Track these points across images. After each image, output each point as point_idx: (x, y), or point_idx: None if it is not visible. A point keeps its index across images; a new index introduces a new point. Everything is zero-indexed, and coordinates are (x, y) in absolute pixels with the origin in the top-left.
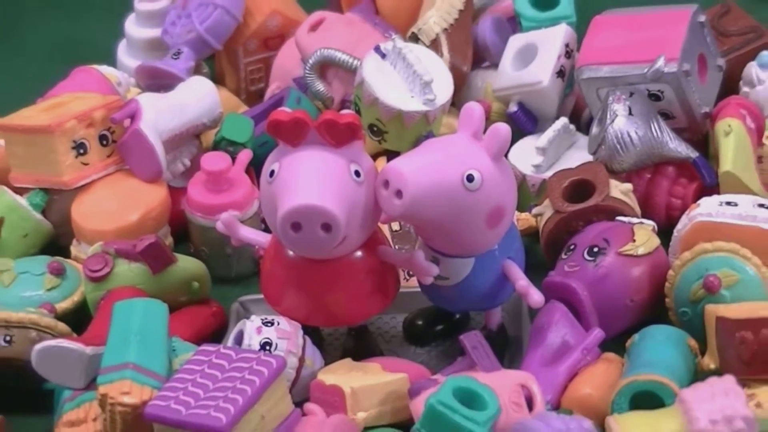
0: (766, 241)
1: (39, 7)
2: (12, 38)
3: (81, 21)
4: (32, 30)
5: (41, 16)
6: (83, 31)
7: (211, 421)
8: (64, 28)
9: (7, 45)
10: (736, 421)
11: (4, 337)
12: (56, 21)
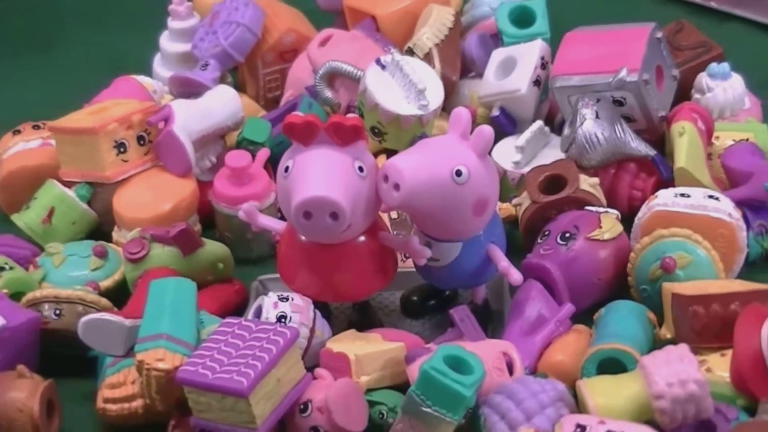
0: (715, 228)
1: (86, 25)
2: (62, 52)
3: (122, 37)
4: (80, 45)
5: (88, 33)
6: (124, 46)
7: (234, 384)
8: (107, 43)
9: (58, 58)
10: (689, 384)
11: (54, 311)
12: (101, 37)
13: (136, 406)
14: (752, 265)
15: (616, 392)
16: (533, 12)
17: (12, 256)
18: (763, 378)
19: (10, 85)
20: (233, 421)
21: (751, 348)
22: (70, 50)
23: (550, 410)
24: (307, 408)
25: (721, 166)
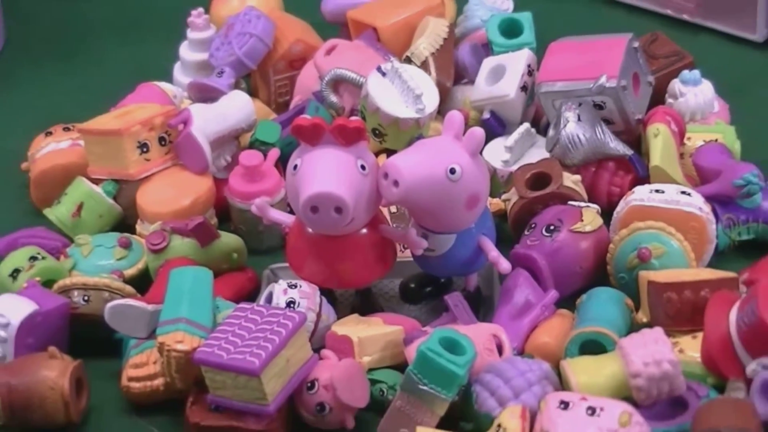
0: (687, 221)
1: (113, 37)
2: (91, 60)
3: (145, 47)
4: (107, 54)
5: (115, 44)
6: (146, 55)
7: (247, 364)
8: (131, 53)
9: (87, 66)
10: (663, 363)
11: (82, 297)
12: (126, 47)
13: (158, 384)
14: (721, 255)
15: (597, 371)
16: (521, 24)
17: (44, 246)
18: (731, 359)
19: (43, 91)
20: (246, 397)
21: (720, 331)
22: (98, 59)
23: (536, 388)
24: (314, 386)
25: (693, 164)
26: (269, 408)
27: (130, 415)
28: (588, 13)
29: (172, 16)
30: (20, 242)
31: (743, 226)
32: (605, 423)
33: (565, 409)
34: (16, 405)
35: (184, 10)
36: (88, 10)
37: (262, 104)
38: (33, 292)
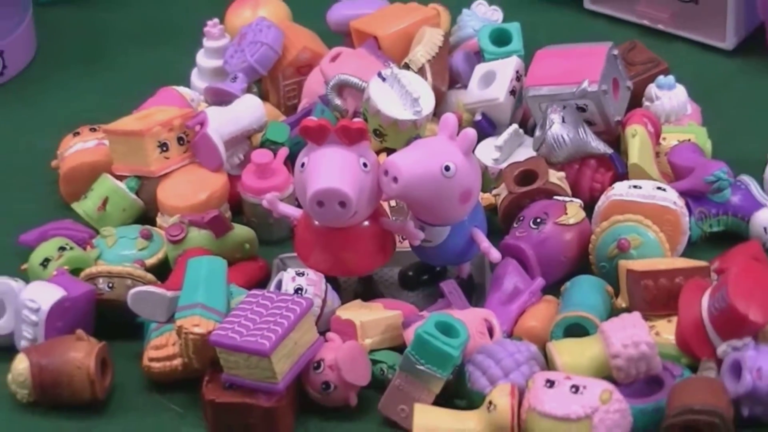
0: (662, 214)
1: (136, 45)
2: (116, 66)
3: (165, 54)
4: (131, 61)
5: (137, 51)
6: (166, 62)
7: (258, 345)
8: (153, 60)
9: (112, 72)
10: (641, 345)
11: (107, 284)
12: (148, 54)
13: (176, 364)
14: (694, 246)
15: (580, 353)
16: (510, 33)
17: (72, 238)
18: (703, 341)
19: (72, 94)
20: (258, 377)
21: (693, 315)
22: (121, 66)
23: (524, 367)
24: (320, 366)
25: (668, 162)
26: (279, 386)
27: (151, 392)
28: (571, 23)
29: (190, 26)
30: (50, 234)
31: (714, 218)
32: (587, 400)
33: (551, 387)
34: (47, 383)
35: (201, 20)
36: (113, 20)
37: (272, 107)
38: (62, 279)
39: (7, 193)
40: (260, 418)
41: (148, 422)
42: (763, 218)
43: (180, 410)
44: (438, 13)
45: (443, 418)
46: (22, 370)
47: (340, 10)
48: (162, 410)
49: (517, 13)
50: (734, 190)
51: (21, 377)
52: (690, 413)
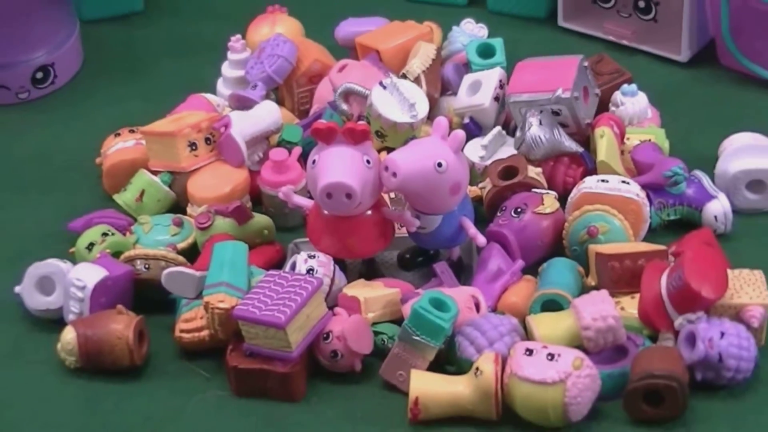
0: (627, 204)
1: (169, 57)
2: (152, 76)
3: (194, 65)
4: (165, 71)
5: (170, 62)
6: (195, 72)
7: (275, 319)
8: (184, 70)
9: (149, 80)
10: (608, 318)
11: (144, 266)
12: (179, 65)
13: (204, 335)
14: (653, 232)
15: (555, 325)
16: (494, 47)
17: (113, 225)
18: (662, 315)
19: (113, 101)
20: (275, 346)
21: (653, 292)
22: (157, 75)
23: (506, 338)
24: (328, 336)
25: (631, 159)
26: (293, 354)
27: (182, 360)
28: (547, 39)
29: (216, 41)
30: (94, 221)
31: (671, 208)
32: (562, 366)
33: (530, 355)
34: (91, 351)
35: (225, 36)
36: (149, 36)
37: (288, 111)
38: (104, 261)
39: (57, 187)
40: (277, 382)
41: (179, 386)
42: (714, 208)
43: (207, 375)
44: (431, 30)
45: (436, 382)
46: (70, 339)
47: (347, 28)
48: (191, 375)
49: (500, 29)
50: (689, 184)
51: (69, 346)
52: (651, 378)
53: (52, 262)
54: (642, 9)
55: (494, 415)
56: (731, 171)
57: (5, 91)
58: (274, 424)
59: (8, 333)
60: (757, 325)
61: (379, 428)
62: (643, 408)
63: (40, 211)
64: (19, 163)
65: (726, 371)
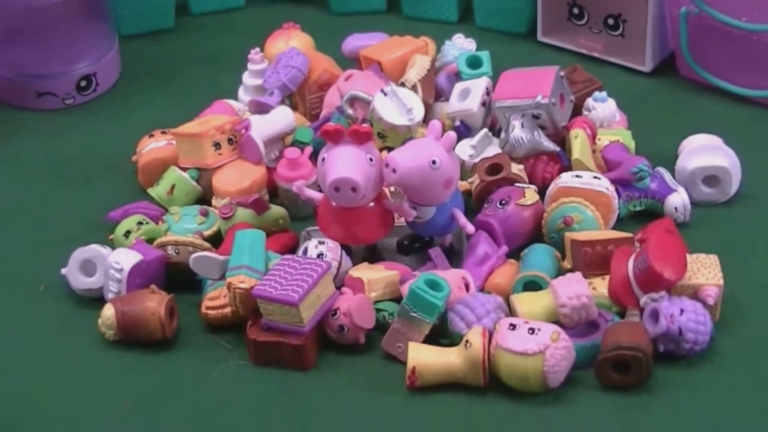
0: (598, 197)
1: (197, 67)
2: (181, 84)
3: (219, 75)
4: (193, 79)
5: (198, 72)
6: (220, 81)
7: (289, 298)
8: (209, 78)
9: (178, 87)
10: (582, 297)
11: (174, 251)
12: (206, 74)
13: (226, 312)
14: (621, 221)
15: (535, 303)
16: (481, 59)
17: (147, 215)
18: (629, 294)
19: (147, 106)
20: (289, 321)
21: (621, 274)
22: (185, 83)
23: (492, 314)
24: (336, 313)
25: (602, 157)
26: (305, 329)
27: (207, 333)
28: (528, 52)
29: (237, 53)
30: (131, 212)
31: (637, 200)
32: (541, 339)
33: (513, 329)
34: (128, 326)
35: (246, 49)
36: (179, 49)
37: (300, 115)
38: (139, 246)
39: (98, 181)
40: (291, 353)
41: (205, 356)
42: (674, 200)
43: (229, 347)
44: (426, 44)
45: (431, 353)
46: (109, 315)
47: (352, 42)
48: (216, 347)
49: (486, 43)
50: (652, 179)
51: (108, 321)
52: (619, 349)
53: (94, 248)
54: (611, 26)
55: (482, 382)
56: (689, 168)
57: (53, 97)
58: (288, 390)
59: (56, 310)
60: (713, 303)
61: (380, 394)
62: (613, 376)
63: (83, 202)
64: (65, 161)
65: (685, 343)
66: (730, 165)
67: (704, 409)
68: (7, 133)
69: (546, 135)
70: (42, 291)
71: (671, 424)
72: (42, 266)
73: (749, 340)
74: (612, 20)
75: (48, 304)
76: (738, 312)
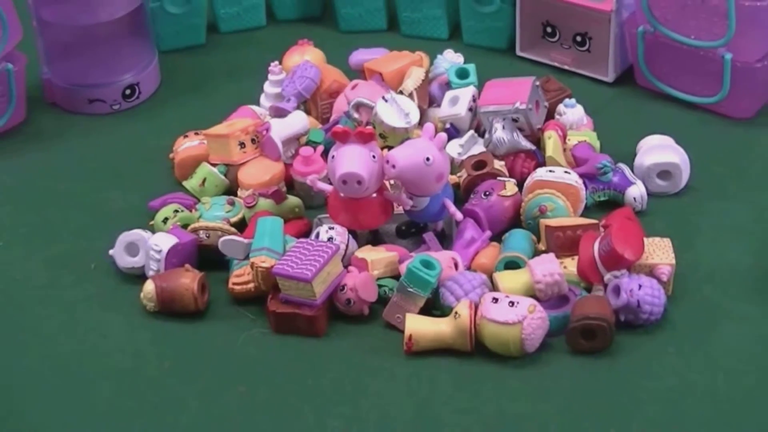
0: (568, 189)
1: (226, 78)
2: (211, 92)
3: (244, 84)
4: (221, 88)
5: (226, 82)
6: (244, 89)
7: (304, 275)
8: (235, 87)
9: (209, 95)
10: (554, 275)
11: (205, 235)
12: (232, 84)
13: (250, 287)
14: (588, 210)
15: (514, 280)
16: (468, 71)
17: (182, 204)
18: (595, 272)
19: (183, 110)
20: (303, 295)
21: (588, 255)
22: (215, 91)
23: (478, 290)
24: (344, 288)
25: (571, 155)
26: (317, 302)
27: (234, 306)
28: (508, 65)
29: (259, 66)
30: (168, 201)
31: (601, 192)
32: (520, 311)
33: (495, 303)
34: (165, 299)
35: (267, 62)
36: (211, 62)
37: (313, 119)
38: (175, 231)
39: (140, 175)
40: (305, 322)
41: (231, 325)
42: (633, 192)
43: (252, 317)
44: (421, 58)
45: (425, 323)
46: (150, 290)
47: (357, 56)
48: (241, 317)
49: (473, 57)
50: (614, 173)
51: (149, 295)
52: (586, 319)
53: (137, 232)
54: (579, 42)
55: (469, 347)
56: (645, 164)
57: (102, 103)
58: (302, 354)
59: (105, 284)
60: (666, 280)
61: (381, 357)
62: (581, 342)
63: (127, 193)
64: (112, 158)
65: (642, 314)
66: (680, 161)
67: (658, 368)
68: (63, 134)
69: (524, 136)
70: (93, 269)
71: (630, 383)
72: (93, 247)
73: (696, 310)
74: (580, 38)
75: (98, 280)
76: (687, 287)
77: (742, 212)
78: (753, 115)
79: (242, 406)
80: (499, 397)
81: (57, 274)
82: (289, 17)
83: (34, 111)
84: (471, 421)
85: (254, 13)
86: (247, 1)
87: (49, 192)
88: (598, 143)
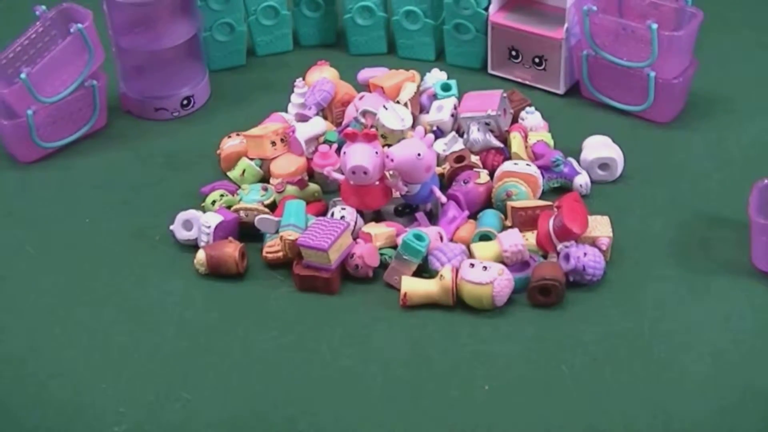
0: (529, 178)
1: (261, 91)
2: (249, 103)
3: (275, 96)
4: (257, 99)
5: (261, 94)
6: (275, 100)
7: (322, 245)
8: (268, 98)
9: (247, 105)
10: (518, 245)
11: (245, 214)
12: (265, 96)
13: (280, 255)
14: (545, 194)
15: (487, 249)
16: (451, 85)
17: (227, 190)
18: (549, 243)
19: (227, 117)
20: (322, 262)
21: (545, 230)
22: (253, 102)
23: (459, 257)
24: (353, 256)
25: (531, 151)
26: (332, 267)
27: (267, 270)
28: (481, 80)
29: (287, 81)
30: (216, 187)
31: (555, 180)
32: (491, 274)
33: (472, 267)
34: (213, 265)
35: (293, 79)
36: (249, 79)
37: (329, 123)
38: (222, 211)
39: (194, 167)
40: (322, 283)
41: (265, 285)
42: (580, 180)
43: (282, 278)
44: (414, 75)
45: (417, 284)
46: (202, 257)
47: (364, 73)
48: (272, 278)
49: (454, 74)
50: (565, 165)
51: (201, 261)
52: (543, 280)
53: (192, 211)
54: (537, 63)
55: (451, 303)
56: (589, 158)
57: (165, 111)
58: (321, 306)
59: (167, 253)
60: (605, 249)
61: (383, 310)
62: (539, 298)
63: (184, 181)
64: (173, 154)
65: (587, 276)
66: (616, 156)
67: (599, 317)
68: (134, 136)
69: (494, 136)
70: (157, 240)
71: (577, 329)
72: (157, 224)
73: (628, 273)
74: (537, 59)
75: (161, 249)
76: (621, 254)
77: (663, 196)
78: (672, 120)
79: (274, 346)
80: (475, 340)
81: (131, 243)
82: (310, 44)
83: (113, 118)
84: (453, 359)
85: (284, 41)
86: (278, 31)
87: (125, 180)
88: (552, 142)
